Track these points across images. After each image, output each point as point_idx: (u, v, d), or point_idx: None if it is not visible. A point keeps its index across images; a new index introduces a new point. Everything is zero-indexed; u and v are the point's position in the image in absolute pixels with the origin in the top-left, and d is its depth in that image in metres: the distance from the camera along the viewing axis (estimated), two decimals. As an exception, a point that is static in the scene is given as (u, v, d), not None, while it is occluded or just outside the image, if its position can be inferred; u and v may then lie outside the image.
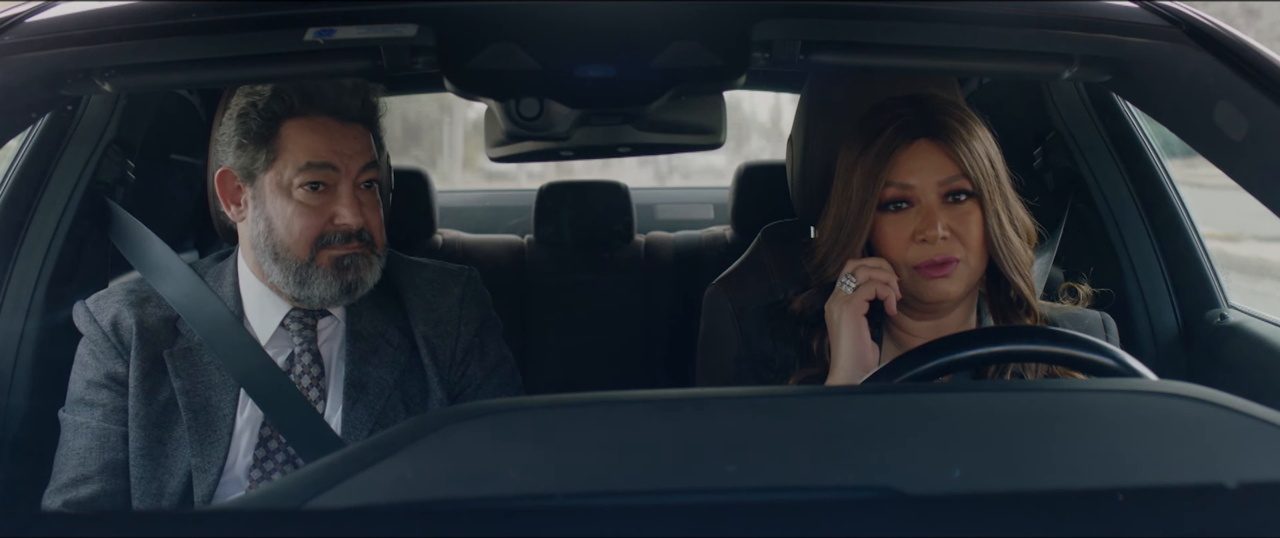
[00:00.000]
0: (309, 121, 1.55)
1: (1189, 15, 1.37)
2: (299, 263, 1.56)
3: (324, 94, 1.55)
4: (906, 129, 1.47)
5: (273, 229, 1.56)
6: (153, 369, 1.59)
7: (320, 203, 1.55)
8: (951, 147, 1.45)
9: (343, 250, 1.56)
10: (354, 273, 1.57)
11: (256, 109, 1.54)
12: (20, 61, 1.35)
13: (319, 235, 1.55)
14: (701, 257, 2.73)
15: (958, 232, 1.45)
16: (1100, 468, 0.81)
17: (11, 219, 1.78)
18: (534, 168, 4.76)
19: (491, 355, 1.72)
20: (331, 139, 1.55)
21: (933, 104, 1.50)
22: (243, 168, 1.56)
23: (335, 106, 1.56)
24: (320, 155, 1.54)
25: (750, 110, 12.65)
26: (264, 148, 1.54)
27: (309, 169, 1.53)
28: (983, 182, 1.46)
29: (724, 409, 0.90)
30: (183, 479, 1.56)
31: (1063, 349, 1.25)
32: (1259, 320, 1.89)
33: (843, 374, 1.45)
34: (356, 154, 1.57)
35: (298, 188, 1.54)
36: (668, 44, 1.27)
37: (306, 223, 1.54)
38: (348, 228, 1.55)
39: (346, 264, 1.57)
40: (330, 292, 1.57)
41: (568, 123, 1.38)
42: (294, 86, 1.54)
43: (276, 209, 1.55)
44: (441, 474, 0.80)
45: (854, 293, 1.45)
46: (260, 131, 1.54)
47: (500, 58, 1.28)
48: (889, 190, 1.47)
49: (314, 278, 1.56)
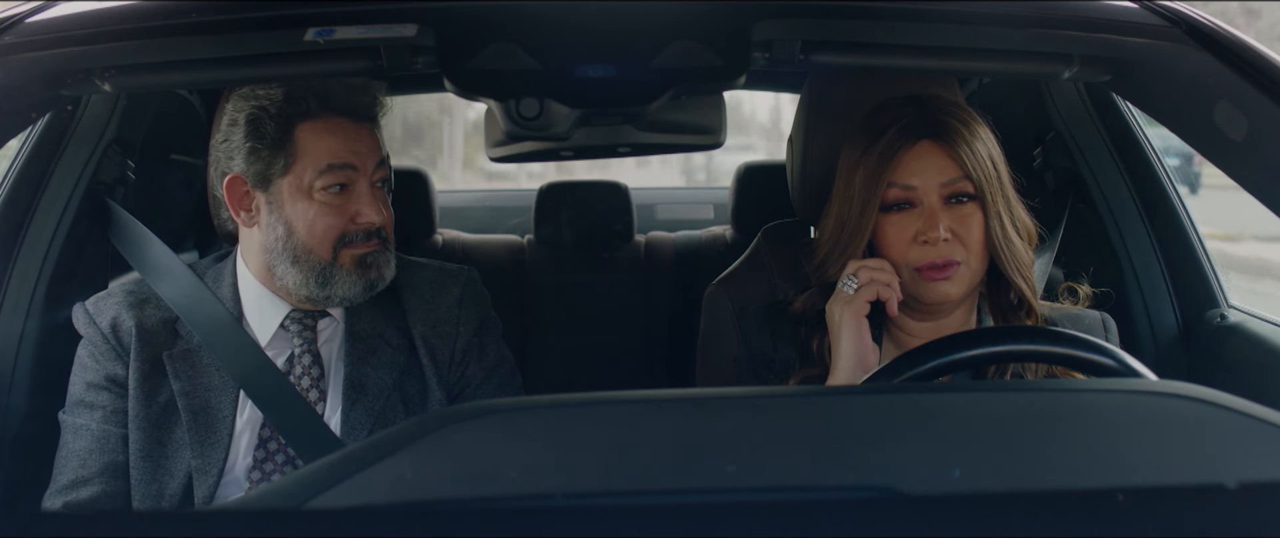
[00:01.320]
0: (325, 123, 1.56)
1: (1189, 15, 1.37)
2: (322, 264, 1.57)
3: (337, 95, 1.56)
4: (909, 130, 1.47)
5: (293, 232, 1.56)
6: (152, 371, 1.59)
7: (342, 203, 1.56)
8: (954, 148, 1.45)
9: (365, 248, 1.58)
10: (376, 270, 1.60)
11: (268, 114, 1.54)
12: (20, 61, 1.35)
13: (341, 235, 1.57)
14: (701, 257, 2.73)
15: (959, 233, 1.45)
16: (1100, 468, 0.81)
17: (11, 219, 1.78)
18: (534, 168, 4.76)
19: (491, 356, 1.72)
20: (348, 140, 1.57)
21: (936, 105, 1.49)
22: (257, 174, 1.56)
23: (349, 107, 1.58)
24: (340, 156, 1.55)
25: (750, 112, 12.67)
26: (280, 152, 1.55)
27: (330, 171, 1.55)
28: (985, 184, 1.46)
29: (724, 409, 0.90)
30: (183, 481, 1.56)
31: (1063, 349, 1.25)
32: (1259, 320, 1.89)
33: (843, 375, 1.45)
34: (371, 152, 1.59)
35: (319, 190, 1.55)
36: (668, 44, 1.27)
37: (330, 223, 1.56)
38: (371, 225, 1.58)
39: (370, 262, 1.59)
40: (353, 290, 1.59)
41: (568, 123, 1.38)
42: (308, 89, 1.55)
43: (297, 212, 1.56)
44: (441, 474, 0.80)
45: (856, 294, 1.45)
46: (276, 136, 1.54)
47: (500, 58, 1.28)
48: (891, 191, 1.47)
49: (336, 277, 1.58)
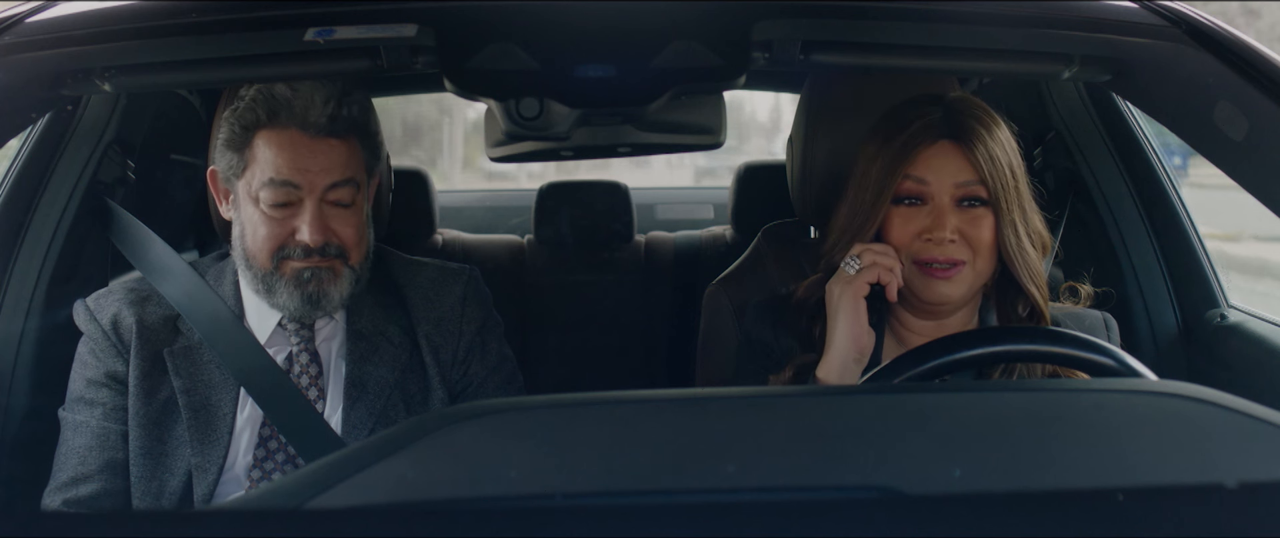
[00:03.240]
0: (277, 134, 1.52)
1: (1189, 15, 1.37)
2: (263, 271, 1.56)
3: (290, 107, 1.52)
4: (932, 128, 1.48)
5: (243, 235, 1.57)
6: (153, 368, 1.59)
7: (283, 216, 1.54)
8: (972, 151, 1.46)
9: (303, 264, 1.55)
10: (315, 285, 1.55)
11: (235, 115, 1.54)
12: (20, 61, 1.35)
13: (279, 247, 1.54)
14: (701, 257, 2.73)
15: (968, 235, 1.46)
16: (1100, 468, 0.81)
17: (11, 219, 1.78)
18: (534, 168, 4.76)
19: (493, 355, 1.72)
20: (297, 155, 1.52)
21: (961, 106, 1.50)
22: (224, 171, 1.57)
23: (302, 120, 1.52)
24: (282, 173, 1.52)
25: (750, 112, 12.64)
26: (239, 155, 1.54)
27: (271, 185, 1.52)
28: (1001, 192, 1.46)
29: (724, 409, 0.90)
30: (183, 479, 1.56)
31: (1063, 349, 1.26)
32: (1259, 320, 1.89)
33: (836, 355, 1.45)
34: (324, 170, 1.53)
35: (263, 201, 1.53)
36: (667, 44, 1.27)
37: (268, 233, 1.54)
38: (306, 245, 1.54)
39: (308, 278, 1.55)
40: (293, 302, 1.56)
41: (568, 123, 1.38)
42: (263, 98, 1.52)
43: (246, 216, 1.56)
44: (441, 474, 0.80)
45: (857, 274, 1.46)
46: (239, 139, 1.54)
47: (500, 58, 1.28)
48: (906, 183, 1.47)
49: (278, 287, 1.56)
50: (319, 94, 1.53)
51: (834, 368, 1.45)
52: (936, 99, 1.51)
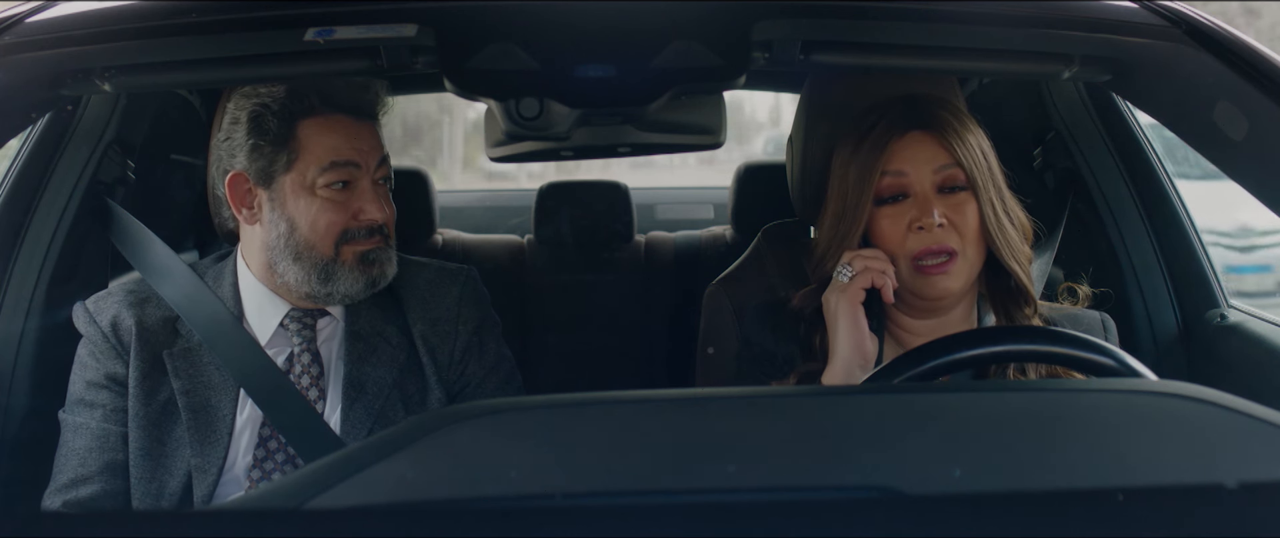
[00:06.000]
0: (327, 120, 1.56)
1: (1189, 15, 1.37)
2: (324, 260, 1.57)
3: (340, 93, 1.57)
4: (900, 121, 1.49)
5: (295, 229, 1.57)
6: (152, 370, 1.59)
7: (345, 199, 1.57)
8: (944, 136, 1.47)
9: (367, 245, 1.59)
10: (378, 267, 1.60)
11: (271, 111, 1.55)
12: (20, 61, 1.35)
13: (343, 231, 1.57)
14: (701, 257, 2.73)
15: (954, 221, 1.46)
16: (1100, 468, 0.81)
17: (11, 219, 1.78)
18: (534, 168, 4.75)
19: (490, 355, 1.72)
20: (350, 137, 1.57)
21: (925, 99, 1.52)
22: (260, 171, 1.56)
23: (352, 104, 1.58)
24: (343, 154, 1.56)
25: (751, 112, 12.58)
26: (283, 149, 1.55)
27: (334, 168, 1.55)
28: (976, 172, 1.47)
29: (724, 409, 0.90)
30: (182, 479, 1.56)
31: (1063, 349, 1.25)
32: (1259, 320, 1.89)
33: (840, 363, 1.45)
34: (373, 149, 1.59)
35: (322, 187, 1.55)
36: (667, 44, 1.27)
37: (332, 219, 1.56)
38: (373, 222, 1.58)
39: (372, 259, 1.59)
40: (355, 287, 1.59)
41: (568, 123, 1.38)
42: (310, 86, 1.55)
43: (299, 209, 1.56)
44: (441, 474, 0.80)
45: (850, 281, 1.46)
46: (278, 133, 1.55)
47: (500, 58, 1.28)
48: (885, 180, 1.48)
49: (338, 274, 1.58)
50: (354, 80, 1.58)
51: (839, 377, 1.45)
52: (898, 98, 1.53)
